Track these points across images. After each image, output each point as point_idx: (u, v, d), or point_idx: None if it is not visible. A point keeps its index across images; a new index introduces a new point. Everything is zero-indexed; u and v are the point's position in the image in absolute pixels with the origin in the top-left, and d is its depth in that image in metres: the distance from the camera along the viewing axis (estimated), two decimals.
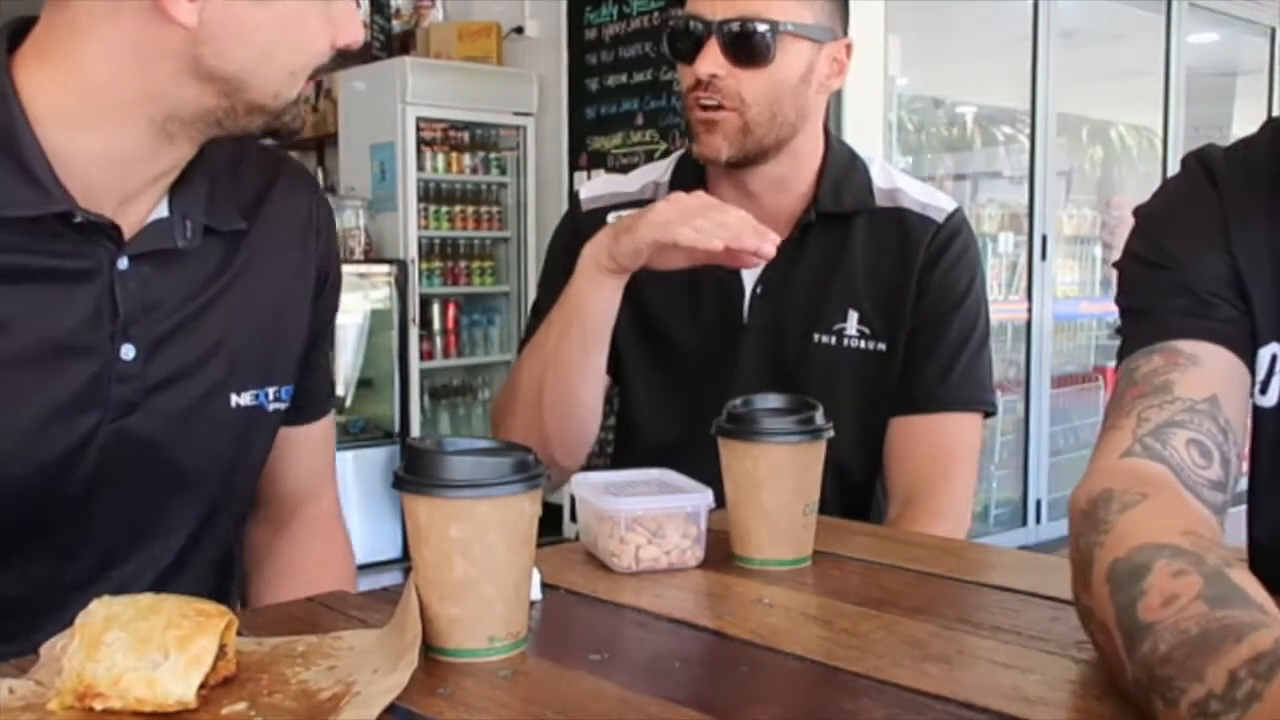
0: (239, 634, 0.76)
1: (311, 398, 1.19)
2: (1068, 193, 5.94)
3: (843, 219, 1.47)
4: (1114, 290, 1.06)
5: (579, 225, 1.52)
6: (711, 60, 1.36)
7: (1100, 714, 0.66)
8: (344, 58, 1.01)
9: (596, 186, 1.59)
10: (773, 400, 1.05)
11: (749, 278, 1.47)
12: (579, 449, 1.42)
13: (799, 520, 1.02)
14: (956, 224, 1.50)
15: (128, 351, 0.97)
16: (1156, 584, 0.68)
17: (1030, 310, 5.19)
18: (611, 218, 1.50)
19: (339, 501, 1.27)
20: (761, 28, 1.35)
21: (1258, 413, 0.95)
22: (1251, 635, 0.60)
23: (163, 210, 1.00)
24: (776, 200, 1.47)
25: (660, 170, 1.57)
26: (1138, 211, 1.05)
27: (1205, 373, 0.91)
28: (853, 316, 1.46)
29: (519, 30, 5.20)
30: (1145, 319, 0.97)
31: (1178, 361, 0.92)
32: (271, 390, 1.09)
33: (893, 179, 1.52)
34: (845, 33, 1.44)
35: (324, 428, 1.23)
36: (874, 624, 0.87)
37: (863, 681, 0.75)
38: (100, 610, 0.72)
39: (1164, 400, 0.89)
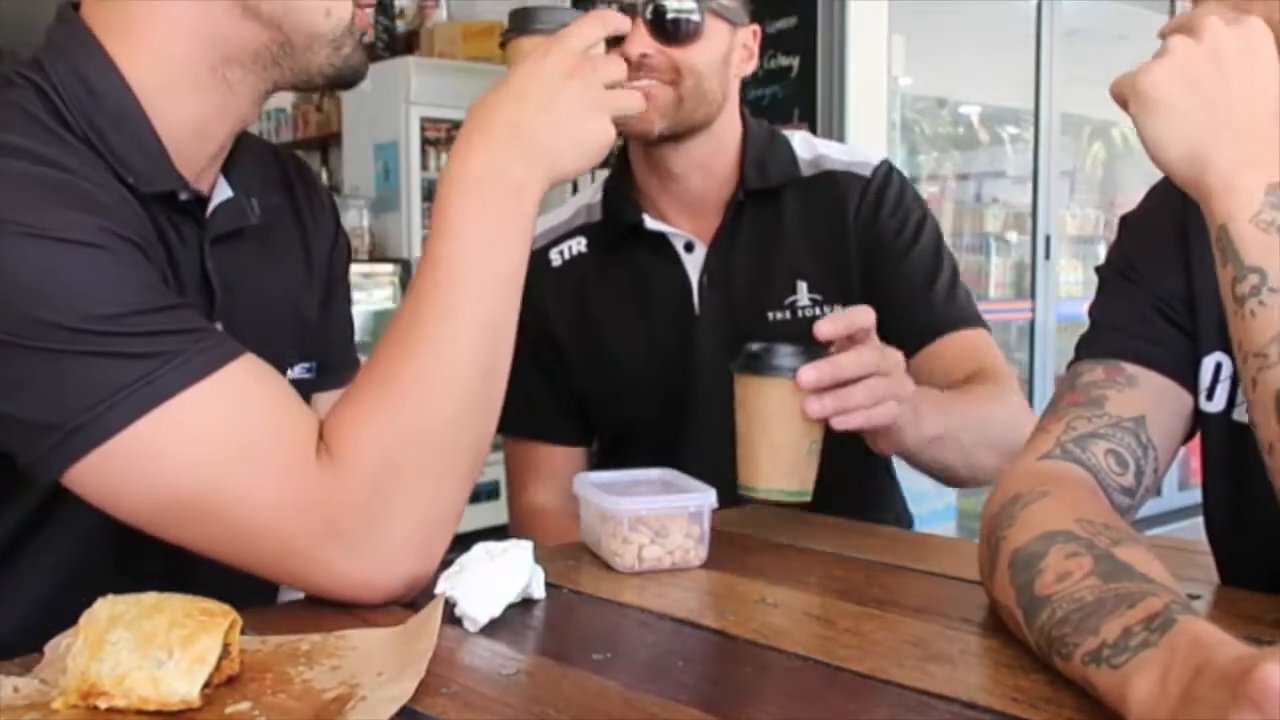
0: (243, 633, 0.76)
1: (345, 353, 1.21)
2: (1071, 192, 5.93)
3: (772, 194, 1.50)
4: None
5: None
6: (640, 41, 1.38)
7: (1104, 714, 0.66)
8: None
9: None
10: (787, 345, 1.10)
11: (693, 271, 1.50)
12: None
13: (804, 457, 1.08)
14: (884, 173, 1.52)
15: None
16: (1051, 564, 0.76)
17: (1034, 310, 5.19)
18: (554, 254, 1.54)
19: None
20: (688, 5, 1.39)
21: (1206, 419, 0.99)
22: (1144, 600, 0.67)
23: (225, 190, 1.02)
24: (702, 185, 1.49)
25: (590, 192, 1.60)
26: (1122, 219, 1.09)
27: (1140, 394, 0.97)
28: (802, 287, 1.48)
29: None
30: (1102, 331, 1.02)
31: (1116, 379, 0.98)
32: (309, 364, 1.12)
33: (815, 148, 1.55)
34: (751, 21, 1.48)
35: None
36: (877, 624, 0.87)
37: (866, 681, 0.75)
38: (104, 609, 0.72)
39: (1094, 414, 0.96)
